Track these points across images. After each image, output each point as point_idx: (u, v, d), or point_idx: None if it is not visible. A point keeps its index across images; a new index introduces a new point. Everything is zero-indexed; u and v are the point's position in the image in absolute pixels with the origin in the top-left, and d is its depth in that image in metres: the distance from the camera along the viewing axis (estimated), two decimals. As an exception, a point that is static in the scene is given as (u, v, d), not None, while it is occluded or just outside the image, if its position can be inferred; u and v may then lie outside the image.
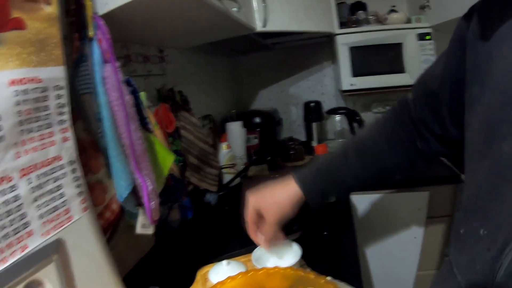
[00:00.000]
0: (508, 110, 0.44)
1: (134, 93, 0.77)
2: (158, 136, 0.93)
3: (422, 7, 1.70)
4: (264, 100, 2.26)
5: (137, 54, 1.06)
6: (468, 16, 0.57)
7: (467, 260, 0.52)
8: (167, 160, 0.87)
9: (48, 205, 0.45)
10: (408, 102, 0.74)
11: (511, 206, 0.43)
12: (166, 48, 1.26)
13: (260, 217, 0.75)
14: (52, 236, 0.46)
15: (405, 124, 0.72)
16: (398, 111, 0.76)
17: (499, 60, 0.46)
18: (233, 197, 1.38)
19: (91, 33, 0.61)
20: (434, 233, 1.51)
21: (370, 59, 1.74)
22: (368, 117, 2.13)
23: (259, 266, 0.77)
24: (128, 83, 0.74)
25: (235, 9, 1.00)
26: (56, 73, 0.48)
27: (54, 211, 0.47)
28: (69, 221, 0.49)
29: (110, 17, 0.66)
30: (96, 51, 0.63)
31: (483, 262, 0.47)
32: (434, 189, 1.45)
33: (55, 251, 0.47)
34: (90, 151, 0.62)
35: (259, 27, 1.28)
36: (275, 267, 0.70)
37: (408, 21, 1.79)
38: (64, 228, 0.48)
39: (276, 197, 0.74)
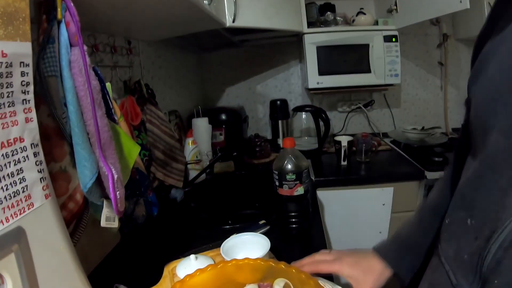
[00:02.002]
0: (496, 104, 0.45)
1: (100, 83, 0.74)
2: (123, 128, 0.90)
3: (390, 11, 1.77)
4: (231, 97, 2.25)
5: (105, 44, 1.02)
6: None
7: (454, 250, 0.53)
8: (133, 152, 0.84)
9: (8, 189, 0.42)
10: None
11: (497, 197, 0.44)
12: (134, 39, 1.23)
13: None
14: (12, 223, 0.43)
15: None
16: None
17: (493, 58, 0.48)
18: (199, 194, 1.36)
19: (59, 15, 0.58)
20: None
21: (337, 58, 1.79)
22: (333, 115, 2.20)
23: (228, 259, 0.76)
24: (94, 72, 0.71)
25: (206, 2, 0.98)
26: (23, 48, 0.44)
27: (15, 196, 0.43)
28: (30, 208, 0.46)
29: (77, 1, 0.63)
30: (64, 34, 0.60)
31: (471, 251, 0.48)
32: (398, 185, 1.50)
33: (15, 240, 0.44)
34: (54, 138, 0.58)
35: (229, 22, 1.27)
36: (245, 259, 0.69)
37: (376, 23, 1.84)
38: (25, 215, 0.45)
39: (370, 269, 0.69)
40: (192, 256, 0.79)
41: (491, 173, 0.46)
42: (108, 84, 0.81)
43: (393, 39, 1.75)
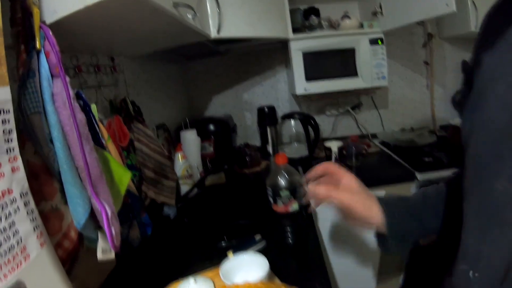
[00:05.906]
0: (501, 146, 0.41)
1: (86, 107, 0.72)
2: (112, 151, 0.87)
3: (374, 13, 1.77)
4: (218, 106, 2.23)
5: (88, 65, 0.99)
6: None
7: None
8: (124, 178, 0.81)
9: (2, 245, 0.40)
10: None
11: (506, 252, 0.41)
12: (117, 56, 1.20)
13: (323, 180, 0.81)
14: (11, 279, 0.41)
15: None
16: None
17: (490, 93, 0.44)
18: (192, 209, 1.35)
19: (38, 45, 0.55)
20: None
21: (323, 63, 1.78)
22: (322, 119, 2.19)
23: (227, 282, 0.75)
24: (78, 96, 0.69)
25: (190, 16, 0.97)
26: (1, 95, 0.42)
27: (10, 251, 0.41)
28: (27, 259, 0.44)
29: (58, 26, 0.61)
30: (44, 65, 0.57)
31: None
32: (390, 188, 1.49)
33: (14, 296, 0.42)
34: (42, 176, 0.56)
35: (213, 34, 1.26)
36: (245, 284, 0.69)
37: (361, 26, 1.83)
38: (23, 268, 0.43)
39: (363, 198, 0.76)
40: (191, 279, 0.78)
41: (498, 226, 0.42)
42: (93, 106, 0.78)
43: (379, 42, 1.75)
